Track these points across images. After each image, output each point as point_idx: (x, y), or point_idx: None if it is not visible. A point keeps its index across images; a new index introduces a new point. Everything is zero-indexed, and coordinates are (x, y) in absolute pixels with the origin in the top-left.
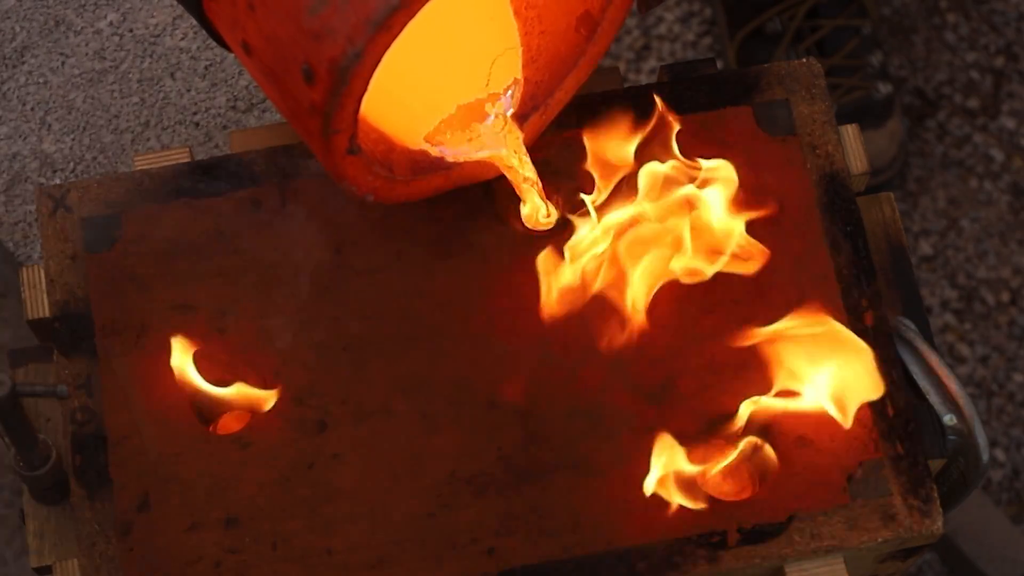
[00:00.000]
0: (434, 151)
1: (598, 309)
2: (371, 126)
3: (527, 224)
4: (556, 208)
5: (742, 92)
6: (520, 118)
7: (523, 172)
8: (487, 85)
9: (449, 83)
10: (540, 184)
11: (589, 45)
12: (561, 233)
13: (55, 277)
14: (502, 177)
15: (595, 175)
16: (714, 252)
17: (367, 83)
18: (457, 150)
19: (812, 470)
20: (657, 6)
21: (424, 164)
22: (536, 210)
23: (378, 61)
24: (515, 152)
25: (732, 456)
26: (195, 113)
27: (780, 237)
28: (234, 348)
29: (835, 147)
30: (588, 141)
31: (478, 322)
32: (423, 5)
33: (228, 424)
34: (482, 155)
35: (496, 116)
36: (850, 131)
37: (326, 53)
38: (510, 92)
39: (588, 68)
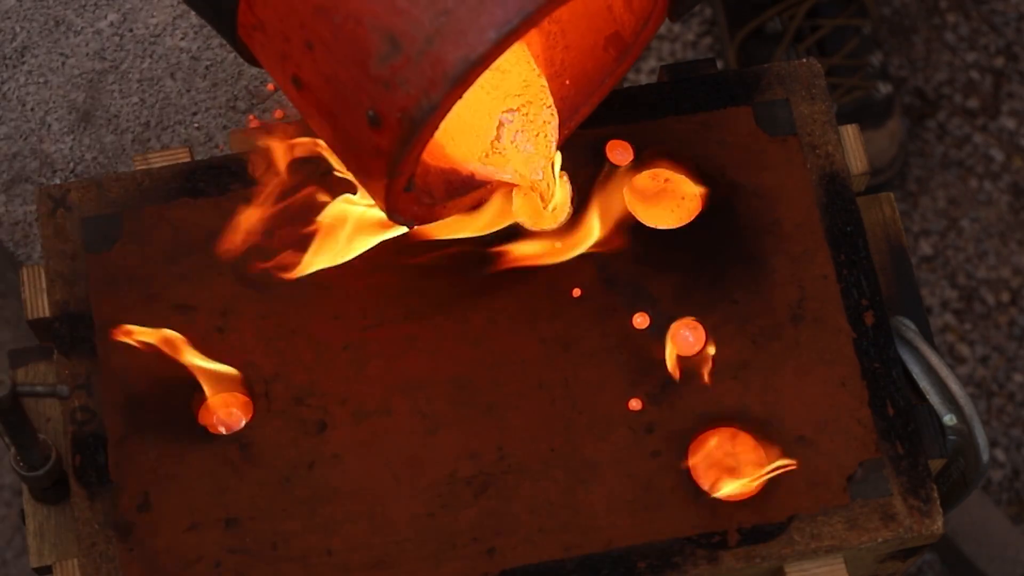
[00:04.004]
0: (464, 169)
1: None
2: None
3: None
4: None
5: (742, 92)
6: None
7: (547, 190)
8: (516, 103)
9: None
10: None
11: (617, 66)
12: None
13: (55, 277)
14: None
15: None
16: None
17: (435, 130)
18: (486, 170)
19: (812, 470)
20: (688, 12)
21: (457, 184)
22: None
23: (449, 110)
24: (543, 174)
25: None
26: (195, 113)
27: (780, 237)
28: (234, 348)
29: (835, 147)
30: None
31: (478, 322)
32: (497, 58)
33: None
34: (507, 177)
35: (519, 135)
36: (850, 131)
37: (398, 103)
38: (513, 114)
39: (613, 85)
